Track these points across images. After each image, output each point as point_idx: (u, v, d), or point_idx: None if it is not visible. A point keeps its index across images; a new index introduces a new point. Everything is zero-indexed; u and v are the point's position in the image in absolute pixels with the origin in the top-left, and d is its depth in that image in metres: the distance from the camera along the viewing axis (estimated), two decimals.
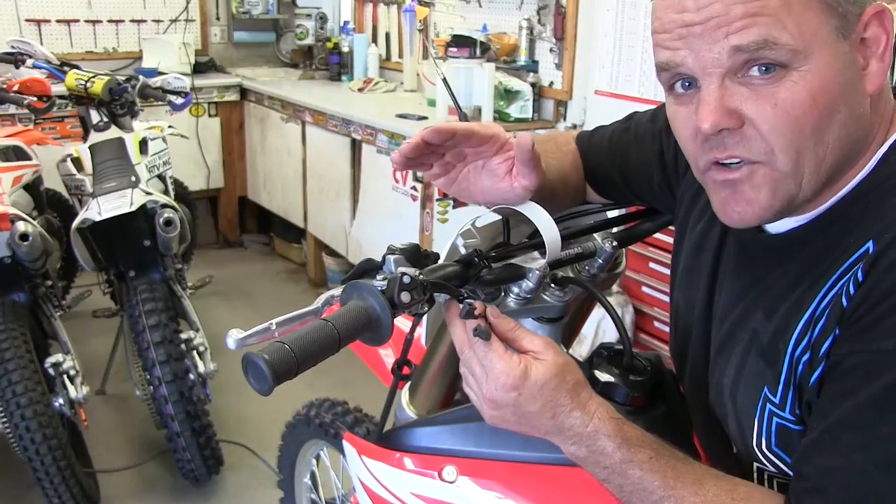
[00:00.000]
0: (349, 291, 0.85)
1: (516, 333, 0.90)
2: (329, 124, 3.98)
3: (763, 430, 0.89)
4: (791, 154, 0.80)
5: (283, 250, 4.94)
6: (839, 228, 0.83)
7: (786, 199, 0.83)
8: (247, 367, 0.76)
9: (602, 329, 2.84)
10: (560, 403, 0.87)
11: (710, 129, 0.80)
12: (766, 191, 0.82)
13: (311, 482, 1.97)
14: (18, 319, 2.45)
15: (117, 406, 3.21)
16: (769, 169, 0.81)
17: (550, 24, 3.50)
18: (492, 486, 1.02)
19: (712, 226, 1.03)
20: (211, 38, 5.09)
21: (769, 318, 0.88)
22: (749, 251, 0.95)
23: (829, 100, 0.78)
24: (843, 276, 0.80)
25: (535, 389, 0.86)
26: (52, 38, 4.52)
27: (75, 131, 3.75)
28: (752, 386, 0.89)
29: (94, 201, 2.53)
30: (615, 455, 0.87)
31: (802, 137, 0.79)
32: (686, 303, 1.07)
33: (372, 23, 4.80)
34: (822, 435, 0.79)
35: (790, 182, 0.81)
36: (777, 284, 0.88)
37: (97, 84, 2.74)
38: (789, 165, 0.80)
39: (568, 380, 0.88)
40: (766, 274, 0.90)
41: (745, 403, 0.91)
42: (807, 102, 0.78)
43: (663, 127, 1.13)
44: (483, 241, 1.12)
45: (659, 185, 1.16)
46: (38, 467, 2.29)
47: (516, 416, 0.88)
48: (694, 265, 1.06)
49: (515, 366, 0.86)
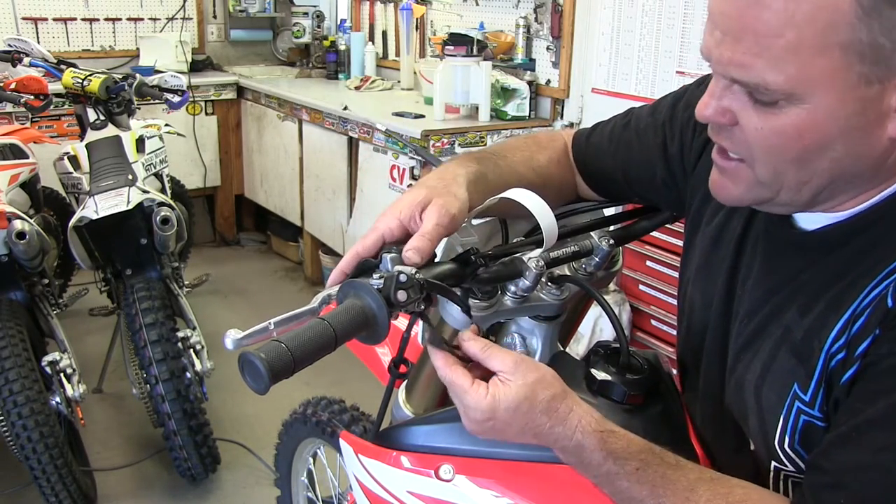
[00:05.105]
0: (346, 290, 0.85)
1: (487, 353, 0.90)
2: (326, 122, 3.98)
3: (788, 428, 0.88)
4: (769, 169, 0.82)
5: (279, 248, 4.94)
6: (883, 228, 0.82)
7: (759, 199, 0.87)
8: (243, 366, 0.76)
9: (599, 327, 2.85)
10: (538, 423, 0.87)
11: (702, 118, 0.85)
12: (743, 187, 0.87)
13: (308, 480, 1.97)
14: (15, 318, 2.45)
15: (114, 404, 3.20)
16: (750, 171, 0.84)
17: (547, 22, 3.50)
18: (488, 485, 1.02)
19: (730, 218, 1.03)
20: (208, 37, 5.09)
21: (803, 316, 0.87)
22: (779, 247, 0.94)
23: (819, 138, 0.78)
24: (890, 275, 0.79)
25: (507, 416, 0.86)
26: (48, 36, 4.52)
27: (72, 129, 3.75)
28: (781, 383, 0.88)
29: (91, 199, 2.53)
30: (601, 468, 0.87)
31: (782, 162, 0.80)
32: (704, 298, 1.05)
33: (369, 21, 4.80)
34: (850, 431, 0.78)
35: (766, 189, 0.84)
36: (813, 282, 0.87)
37: (94, 82, 2.73)
38: (766, 177, 0.83)
39: (540, 399, 0.87)
40: (800, 272, 0.89)
41: (771, 400, 0.90)
42: (792, 136, 0.78)
43: (665, 120, 1.14)
44: (480, 239, 1.12)
45: (662, 179, 1.15)
46: (34, 466, 2.29)
47: (499, 436, 0.89)
48: (711, 259, 1.05)
49: (482, 399, 0.86)
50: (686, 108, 1.12)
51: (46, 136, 3.60)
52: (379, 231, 0.95)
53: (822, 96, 0.75)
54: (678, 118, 1.12)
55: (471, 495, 1.03)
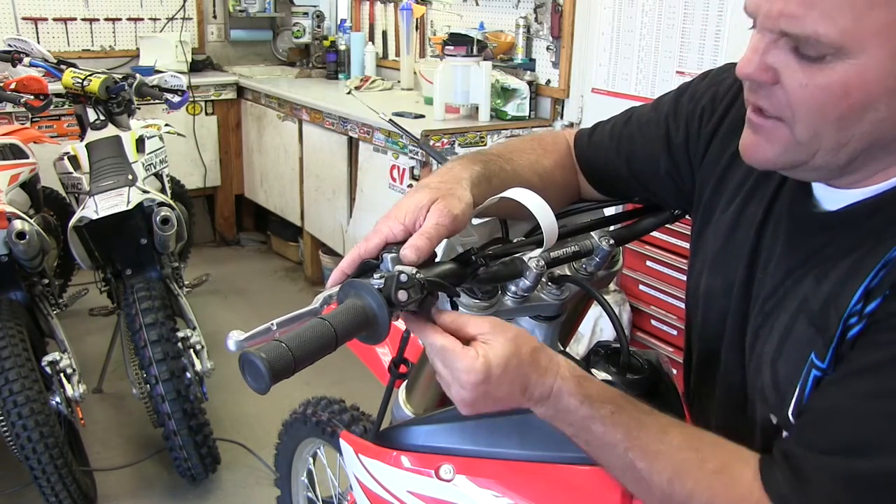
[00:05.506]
0: (346, 290, 0.85)
1: (459, 322, 0.89)
2: (326, 122, 3.98)
3: (805, 397, 0.87)
4: (809, 130, 0.81)
5: (279, 248, 4.94)
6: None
7: (794, 161, 0.85)
8: (244, 366, 0.76)
9: (599, 327, 2.85)
10: (525, 376, 0.87)
11: (743, 76, 0.84)
12: (778, 148, 0.85)
13: (308, 480, 1.97)
14: (15, 318, 2.45)
15: (114, 404, 3.20)
16: (788, 131, 0.83)
17: (547, 22, 3.50)
18: (489, 485, 1.02)
19: (748, 204, 1.02)
20: (208, 37, 5.09)
21: (820, 283, 0.87)
22: (802, 227, 0.93)
23: (865, 97, 0.77)
24: None
25: (499, 374, 0.85)
26: (48, 36, 4.52)
27: (72, 129, 3.75)
28: (798, 353, 0.88)
29: (91, 199, 2.53)
30: (577, 412, 0.87)
31: (824, 122, 0.80)
32: (724, 284, 1.05)
33: (369, 21, 4.80)
34: (841, 379, 0.80)
35: (803, 150, 0.83)
36: (832, 254, 0.87)
37: (94, 82, 2.73)
38: (805, 137, 0.82)
39: (525, 352, 0.87)
40: (823, 246, 0.90)
41: (787, 370, 0.90)
42: (838, 93, 0.77)
43: (669, 113, 1.14)
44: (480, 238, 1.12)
45: (666, 171, 1.15)
46: (34, 466, 2.29)
47: (488, 403, 0.87)
48: (730, 245, 1.04)
49: (475, 360, 0.84)
50: (691, 99, 1.12)
51: (46, 136, 3.60)
52: (382, 234, 0.94)
53: (872, 51, 0.75)
54: (683, 110, 1.12)
55: (471, 495, 1.03)
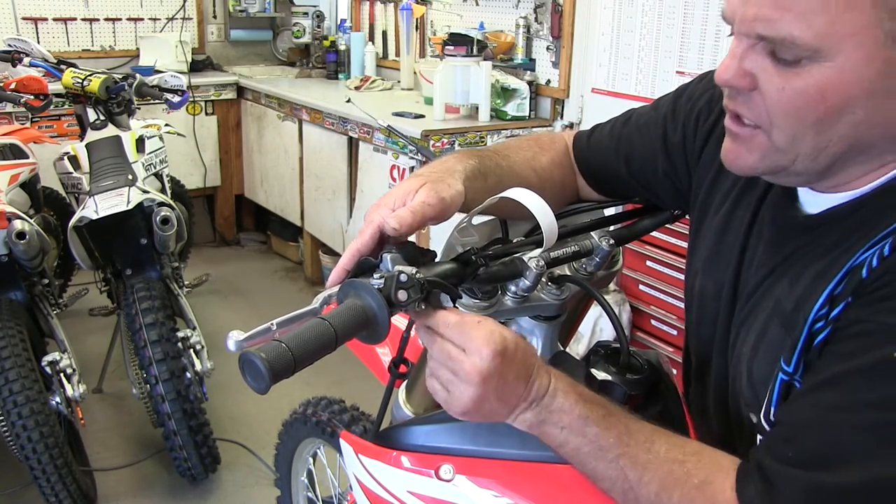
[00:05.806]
0: (346, 290, 0.85)
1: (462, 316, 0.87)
2: (326, 122, 3.98)
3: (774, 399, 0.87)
4: (787, 135, 0.81)
5: (279, 248, 4.94)
6: (877, 207, 0.83)
7: (775, 167, 0.86)
8: (244, 366, 0.76)
9: (599, 327, 2.85)
10: (531, 365, 0.86)
11: (721, 82, 0.84)
12: (758, 154, 0.86)
13: (308, 480, 1.97)
14: (15, 318, 2.45)
15: (114, 404, 3.20)
16: (766, 137, 0.84)
17: (547, 22, 3.50)
18: (488, 485, 1.02)
19: (737, 207, 1.03)
20: (208, 37, 5.09)
21: (792, 286, 0.88)
22: (786, 231, 0.94)
23: (841, 100, 0.77)
24: (870, 249, 0.80)
25: (513, 351, 0.84)
26: (48, 36, 4.52)
27: (72, 129, 3.75)
28: (771, 354, 0.89)
29: (91, 199, 2.53)
30: (573, 411, 0.86)
31: (802, 126, 0.80)
32: (715, 286, 1.05)
33: (369, 21, 4.80)
34: (809, 391, 0.80)
35: (782, 156, 0.84)
36: (806, 255, 0.88)
37: (94, 82, 2.73)
38: (783, 143, 0.82)
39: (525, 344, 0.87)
40: (801, 248, 0.90)
41: (760, 372, 0.90)
42: (815, 97, 0.78)
43: (667, 113, 1.14)
44: (480, 238, 1.12)
45: (664, 171, 1.15)
46: (35, 466, 2.29)
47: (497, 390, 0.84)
48: (720, 248, 1.05)
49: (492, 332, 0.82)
50: (689, 100, 1.13)
51: (46, 136, 3.60)
52: (374, 223, 0.93)
53: (848, 53, 0.75)
54: (681, 110, 1.13)
55: (471, 495, 1.03)
